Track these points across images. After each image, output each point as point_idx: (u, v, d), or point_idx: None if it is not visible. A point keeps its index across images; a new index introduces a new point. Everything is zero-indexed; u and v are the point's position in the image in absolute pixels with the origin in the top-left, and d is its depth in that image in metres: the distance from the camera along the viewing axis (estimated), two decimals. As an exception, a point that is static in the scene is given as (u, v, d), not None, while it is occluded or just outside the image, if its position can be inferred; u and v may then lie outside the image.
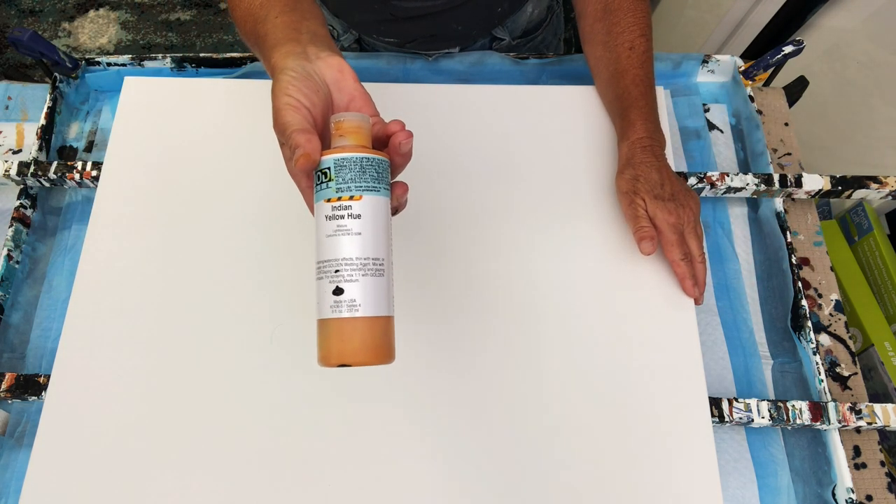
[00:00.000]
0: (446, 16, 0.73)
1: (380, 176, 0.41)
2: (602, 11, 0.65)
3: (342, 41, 0.83)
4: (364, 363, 0.39)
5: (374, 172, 0.40)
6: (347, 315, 0.39)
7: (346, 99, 0.45)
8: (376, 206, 0.40)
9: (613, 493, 0.54)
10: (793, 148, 0.76)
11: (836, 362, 0.65)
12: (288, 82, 0.42)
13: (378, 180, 0.40)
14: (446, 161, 0.68)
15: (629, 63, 0.63)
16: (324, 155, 0.40)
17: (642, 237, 0.59)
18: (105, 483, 0.54)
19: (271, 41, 0.47)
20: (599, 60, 0.66)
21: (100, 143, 0.75)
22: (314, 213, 0.42)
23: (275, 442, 0.55)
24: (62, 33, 1.90)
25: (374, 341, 0.39)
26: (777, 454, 0.60)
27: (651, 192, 0.59)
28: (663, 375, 0.58)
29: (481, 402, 0.57)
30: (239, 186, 0.66)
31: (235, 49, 1.90)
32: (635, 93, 0.63)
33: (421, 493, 0.53)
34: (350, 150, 0.40)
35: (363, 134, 0.41)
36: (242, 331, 0.59)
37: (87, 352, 0.58)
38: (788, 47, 0.72)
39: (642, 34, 0.63)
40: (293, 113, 0.41)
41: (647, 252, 0.59)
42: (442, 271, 0.62)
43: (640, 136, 0.61)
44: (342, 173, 0.40)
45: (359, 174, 0.40)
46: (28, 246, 0.69)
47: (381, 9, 0.72)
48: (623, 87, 0.63)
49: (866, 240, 0.81)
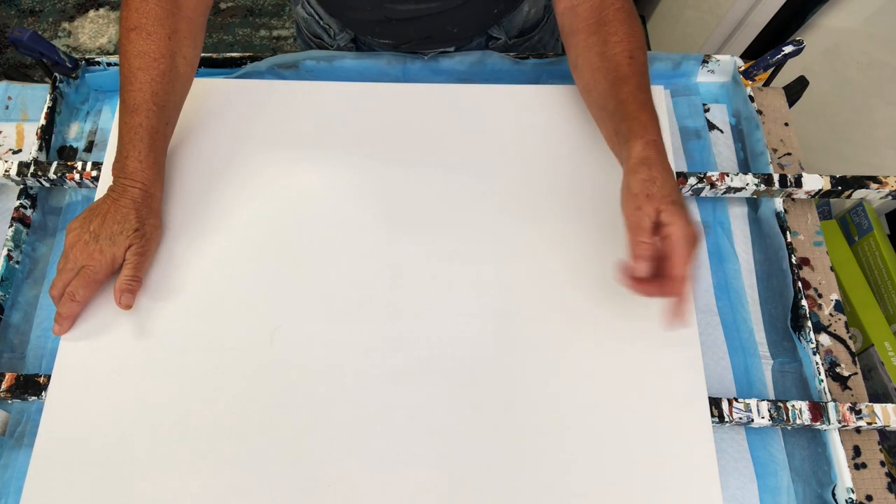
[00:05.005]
0: (441, 18, 0.73)
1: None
2: (596, 24, 0.63)
3: (338, 41, 0.83)
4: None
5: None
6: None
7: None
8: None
9: (613, 492, 0.54)
10: (793, 148, 0.76)
11: (836, 362, 0.65)
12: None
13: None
14: (446, 161, 0.68)
15: (631, 70, 0.60)
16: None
17: (638, 255, 0.52)
18: (105, 483, 0.54)
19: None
20: (597, 72, 0.63)
21: (100, 143, 0.75)
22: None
23: (274, 442, 0.55)
24: (62, 33, 1.90)
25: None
26: (777, 454, 0.60)
27: (668, 196, 0.52)
28: (663, 375, 0.58)
29: (480, 403, 0.57)
30: (239, 186, 0.66)
31: (235, 49, 1.90)
32: (642, 98, 0.59)
33: (421, 493, 0.53)
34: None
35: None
36: (242, 331, 0.59)
37: (87, 352, 0.58)
38: (788, 47, 0.72)
39: (639, 46, 0.62)
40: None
41: (638, 274, 0.52)
42: (441, 272, 0.62)
43: (654, 138, 0.57)
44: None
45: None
46: (28, 246, 0.69)
47: (375, 10, 0.72)
48: (628, 93, 0.60)
49: (866, 240, 0.81)
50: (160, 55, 0.59)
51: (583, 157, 0.68)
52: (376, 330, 0.59)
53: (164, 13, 0.59)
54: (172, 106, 0.62)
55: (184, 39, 0.61)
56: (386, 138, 0.69)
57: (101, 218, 0.58)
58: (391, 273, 0.62)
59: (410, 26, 0.75)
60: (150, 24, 0.59)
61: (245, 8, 1.95)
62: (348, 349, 0.59)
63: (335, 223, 0.64)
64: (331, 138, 0.69)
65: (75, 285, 0.57)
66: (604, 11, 0.62)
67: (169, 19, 0.59)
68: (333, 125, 0.70)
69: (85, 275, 0.57)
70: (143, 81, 0.59)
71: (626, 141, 0.57)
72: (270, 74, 0.77)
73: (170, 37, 0.60)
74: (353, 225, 0.64)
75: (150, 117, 0.59)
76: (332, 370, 0.58)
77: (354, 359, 0.58)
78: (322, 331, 0.59)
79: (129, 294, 0.58)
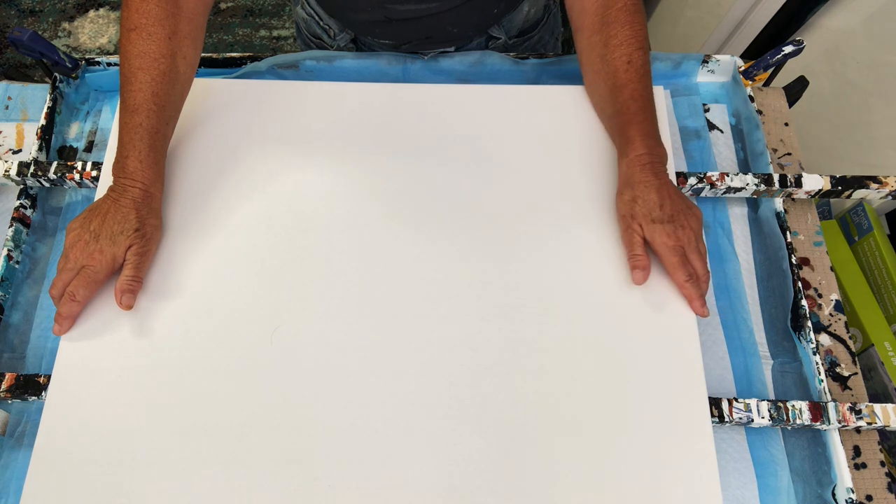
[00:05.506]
0: (441, 18, 0.73)
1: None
2: (599, 24, 0.64)
3: (338, 41, 0.83)
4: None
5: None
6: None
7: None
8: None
9: (614, 492, 0.54)
10: (793, 148, 0.76)
11: (836, 362, 0.65)
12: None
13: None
14: (446, 161, 0.68)
15: (627, 77, 0.62)
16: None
17: (634, 266, 0.59)
18: (105, 483, 0.54)
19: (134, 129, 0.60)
20: (598, 74, 0.65)
21: (100, 143, 0.75)
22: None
23: (274, 442, 0.55)
24: (62, 33, 1.90)
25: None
26: (777, 454, 0.60)
27: (648, 215, 0.59)
28: (663, 375, 0.58)
29: (481, 403, 0.57)
30: (239, 185, 0.66)
31: (235, 49, 1.90)
32: (634, 107, 0.62)
33: (420, 493, 0.53)
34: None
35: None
36: (242, 331, 0.59)
37: (87, 352, 0.58)
38: (788, 47, 0.72)
39: (640, 47, 0.63)
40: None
41: (637, 282, 0.59)
42: (441, 272, 0.62)
43: (638, 153, 0.60)
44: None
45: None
46: (28, 246, 0.69)
47: (375, 11, 0.72)
48: (622, 102, 0.62)
49: (866, 240, 0.81)
50: (160, 55, 0.59)
51: (583, 157, 0.68)
52: (376, 330, 0.59)
53: (165, 13, 0.59)
54: (172, 106, 0.62)
55: (184, 40, 0.61)
56: (386, 138, 0.69)
57: (101, 218, 0.58)
58: (391, 273, 0.62)
59: (410, 27, 0.75)
60: (150, 25, 0.59)
61: (245, 8, 1.95)
62: (348, 349, 0.59)
63: (335, 223, 0.64)
64: (331, 138, 0.69)
65: (75, 285, 0.57)
66: (608, 10, 0.63)
67: (169, 20, 0.60)
68: (333, 125, 0.70)
69: (85, 275, 0.57)
70: (144, 81, 0.59)
71: (618, 157, 0.64)
72: (270, 74, 0.77)
73: (170, 37, 0.60)
74: (353, 225, 0.64)
75: (150, 117, 0.59)
76: (332, 370, 0.58)
77: (355, 358, 0.58)
78: (322, 331, 0.59)
79: (131, 294, 0.58)
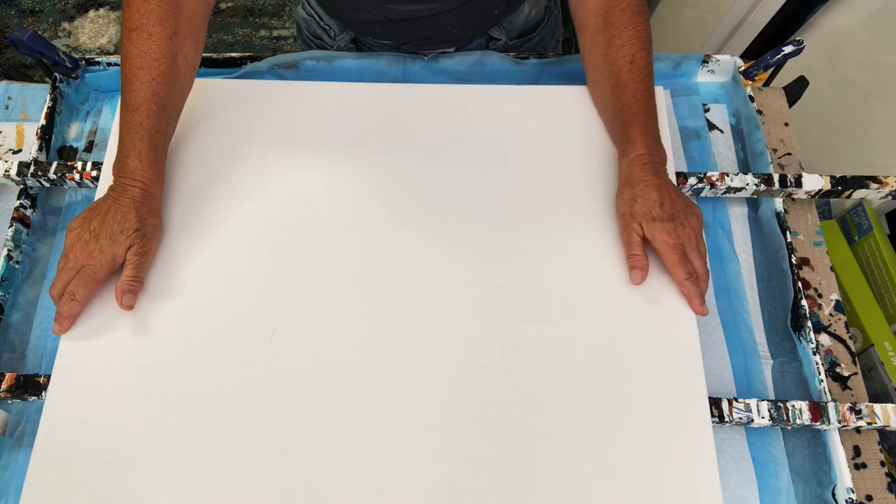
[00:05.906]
0: (441, 18, 0.73)
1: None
2: (602, 24, 0.64)
3: (338, 41, 0.83)
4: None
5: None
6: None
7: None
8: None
9: (614, 492, 0.54)
10: (793, 148, 0.76)
11: (836, 362, 0.65)
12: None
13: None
14: (446, 161, 0.68)
15: (630, 77, 0.63)
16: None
17: (632, 266, 0.60)
18: (105, 483, 0.54)
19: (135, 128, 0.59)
20: (600, 74, 0.66)
21: (100, 143, 0.75)
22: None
23: (274, 442, 0.55)
24: (62, 33, 1.90)
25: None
26: (777, 454, 0.60)
27: (648, 213, 0.59)
28: (663, 375, 0.58)
29: (481, 403, 0.57)
30: (239, 185, 0.66)
31: (235, 49, 1.90)
32: (635, 108, 0.62)
33: (420, 493, 0.53)
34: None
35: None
36: (242, 331, 0.59)
37: (87, 352, 0.58)
38: (788, 47, 0.72)
39: (642, 48, 0.63)
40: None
41: (636, 282, 0.60)
42: (441, 271, 0.62)
43: (639, 152, 0.61)
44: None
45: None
46: (28, 246, 0.69)
47: (375, 11, 0.72)
48: (624, 102, 0.63)
49: (866, 240, 0.81)
50: (161, 55, 0.59)
51: (583, 157, 0.68)
52: (376, 329, 0.59)
53: (166, 14, 0.59)
54: (173, 106, 0.62)
55: (185, 40, 0.61)
56: (386, 138, 0.69)
57: (101, 217, 0.58)
58: (391, 273, 0.62)
59: (411, 27, 0.75)
60: (151, 25, 0.59)
61: (245, 8, 1.95)
62: (348, 348, 0.59)
63: (335, 223, 0.64)
64: (331, 138, 0.69)
65: (75, 285, 0.57)
66: (612, 10, 0.63)
67: (170, 20, 0.60)
68: (333, 125, 0.70)
69: (85, 274, 0.57)
70: (144, 81, 0.59)
71: (619, 156, 0.64)
72: (270, 74, 0.77)
73: (171, 37, 0.60)
74: (353, 225, 0.64)
75: (150, 117, 0.59)
76: (332, 369, 0.58)
77: (354, 358, 0.58)
78: (322, 331, 0.59)
79: (131, 294, 0.58)
